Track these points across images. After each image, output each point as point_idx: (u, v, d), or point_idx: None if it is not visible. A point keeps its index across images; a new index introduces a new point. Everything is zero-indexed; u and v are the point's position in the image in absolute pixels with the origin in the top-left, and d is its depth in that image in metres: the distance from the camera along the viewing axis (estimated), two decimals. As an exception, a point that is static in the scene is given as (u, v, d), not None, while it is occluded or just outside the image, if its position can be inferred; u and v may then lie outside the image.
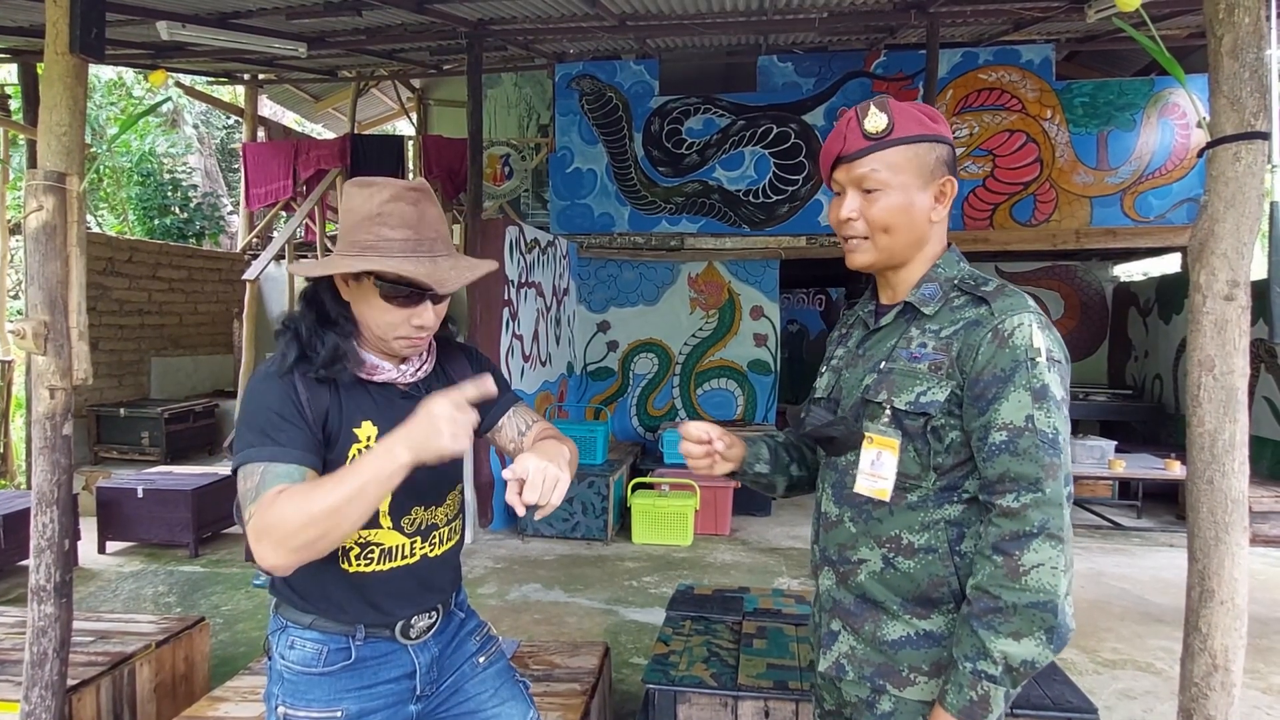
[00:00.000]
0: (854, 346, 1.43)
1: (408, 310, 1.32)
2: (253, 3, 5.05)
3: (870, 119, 1.27)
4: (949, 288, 1.30)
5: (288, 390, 1.30)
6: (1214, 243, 1.70)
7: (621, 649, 3.70)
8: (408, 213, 1.30)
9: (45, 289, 2.15)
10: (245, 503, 1.23)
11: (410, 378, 1.43)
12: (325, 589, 1.39)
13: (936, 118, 1.31)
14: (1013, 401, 1.18)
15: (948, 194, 1.30)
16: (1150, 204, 6.89)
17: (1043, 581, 1.14)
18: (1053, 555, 1.15)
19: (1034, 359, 1.19)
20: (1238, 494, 1.72)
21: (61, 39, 2.21)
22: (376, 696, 1.42)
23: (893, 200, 1.27)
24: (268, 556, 1.17)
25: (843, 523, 1.36)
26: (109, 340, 7.16)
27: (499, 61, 8.08)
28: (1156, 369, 7.62)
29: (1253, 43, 1.66)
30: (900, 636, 1.30)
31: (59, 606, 2.16)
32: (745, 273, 7.66)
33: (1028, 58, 6.95)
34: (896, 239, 1.29)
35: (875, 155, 1.26)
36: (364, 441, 1.36)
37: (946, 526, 1.27)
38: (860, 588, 1.33)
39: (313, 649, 1.39)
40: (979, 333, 1.22)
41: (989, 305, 1.24)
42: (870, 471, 1.31)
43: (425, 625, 1.47)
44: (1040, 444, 1.17)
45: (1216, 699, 1.72)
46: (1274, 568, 5.02)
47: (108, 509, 5.13)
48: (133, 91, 11.42)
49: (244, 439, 1.27)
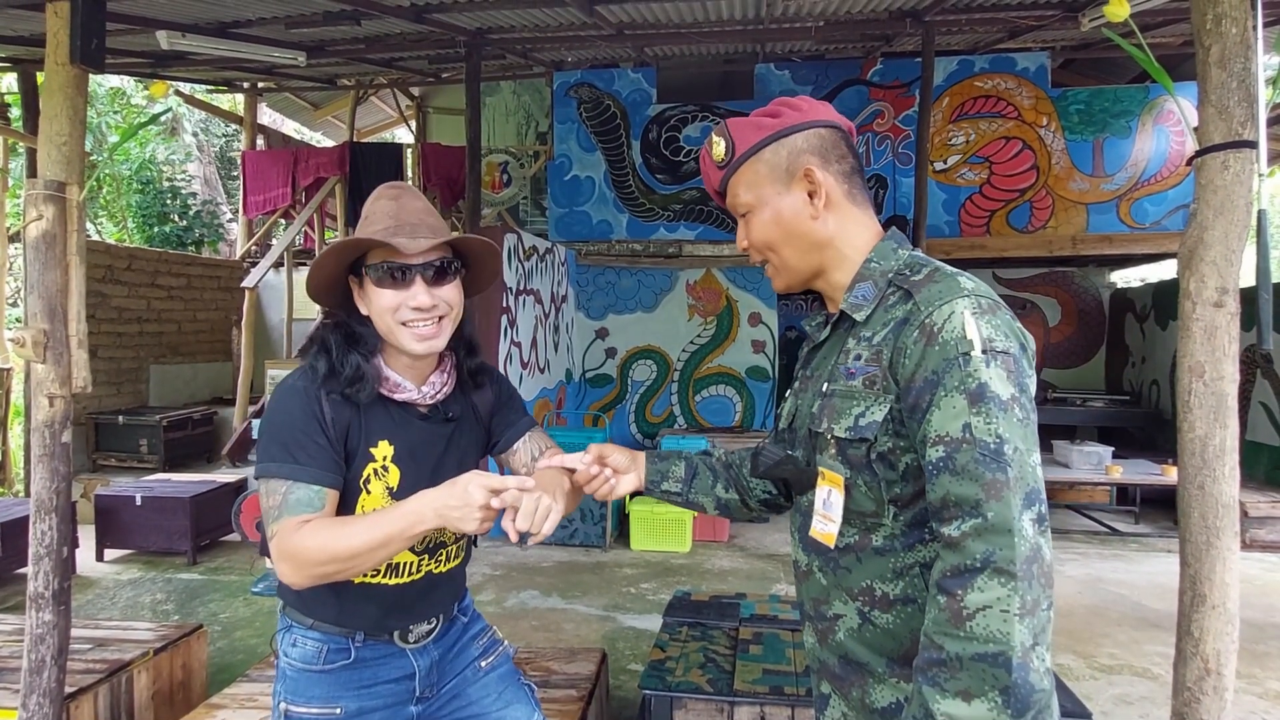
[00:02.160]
0: (804, 367, 1.30)
1: (401, 292, 1.33)
2: (252, 12, 5.08)
3: (714, 148, 1.22)
4: (885, 285, 1.13)
5: (312, 405, 1.33)
6: (1203, 250, 1.72)
7: (619, 655, 3.70)
8: (388, 206, 1.37)
9: (45, 297, 2.16)
10: (268, 519, 1.30)
11: (430, 399, 1.44)
12: (329, 596, 1.41)
13: (784, 110, 1.19)
14: (945, 409, 0.99)
15: (818, 182, 1.15)
16: (1146, 210, 6.92)
17: (990, 628, 0.92)
18: (1003, 595, 0.92)
19: (966, 354, 0.99)
20: (1228, 499, 1.73)
21: (62, 49, 2.23)
22: (375, 696, 1.45)
23: (761, 217, 1.19)
24: (288, 576, 1.26)
25: (813, 573, 1.21)
26: (108, 348, 7.17)
27: (497, 70, 8.12)
28: (1154, 375, 7.64)
29: (1240, 53, 1.68)
30: (890, 703, 1.12)
31: (57, 614, 2.17)
32: (743, 279, 7.68)
33: (1023, 65, 6.99)
34: (785, 253, 1.20)
35: (731, 180, 1.21)
36: (379, 461, 1.38)
37: (921, 572, 1.08)
38: (841, 647, 1.17)
39: (313, 647, 1.43)
40: (908, 331, 1.05)
41: (914, 298, 1.06)
42: (821, 512, 1.16)
43: (424, 631, 1.50)
44: (980, 458, 0.96)
45: (1209, 703, 1.73)
46: (1270, 573, 5.03)
47: (106, 517, 5.13)
48: (133, 100, 11.46)
49: (268, 451, 1.32)
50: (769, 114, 1.19)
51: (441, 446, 1.45)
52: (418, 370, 1.43)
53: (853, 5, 5.52)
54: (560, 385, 7.30)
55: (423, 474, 1.41)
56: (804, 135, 1.17)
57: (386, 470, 1.39)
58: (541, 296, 6.67)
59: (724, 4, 5.40)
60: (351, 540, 1.23)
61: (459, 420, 1.49)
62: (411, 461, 1.41)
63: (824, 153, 1.17)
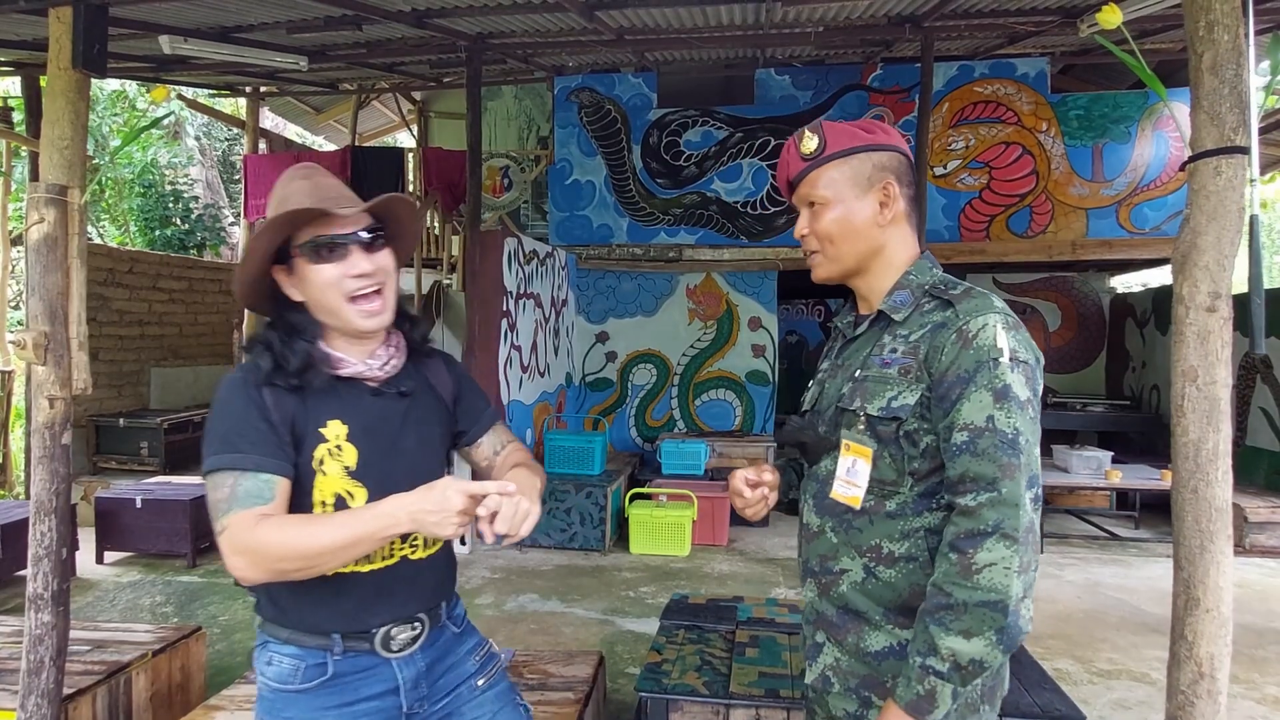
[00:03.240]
0: (834, 357, 1.47)
1: (340, 264, 1.32)
2: (254, 17, 5.10)
3: (805, 142, 1.36)
4: (920, 294, 1.33)
5: (251, 394, 1.31)
6: (1196, 255, 1.73)
7: (617, 659, 3.71)
8: (303, 185, 1.35)
9: (46, 300, 2.17)
10: (216, 514, 1.25)
11: (379, 372, 1.41)
12: (300, 593, 1.35)
13: (873, 129, 1.36)
14: (974, 402, 1.19)
15: (892, 195, 1.33)
16: (1146, 216, 6.93)
17: (994, 580, 1.13)
18: (1006, 555, 1.13)
19: (996, 359, 1.19)
20: (1222, 503, 1.74)
21: (64, 54, 2.25)
22: (359, 715, 1.37)
23: (834, 212, 1.34)
24: (243, 571, 1.22)
25: (824, 533, 1.37)
26: (109, 351, 7.19)
27: (499, 74, 8.14)
28: (1153, 380, 7.64)
29: (1232, 59, 1.69)
30: (884, 647, 1.30)
31: (56, 615, 2.18)
32: (743, 284, 7.69)
33: (1023, 71, 7.01)
34: (843, 248, 1.35)
35: (813, 173, 1.35)
36: (332, 441, 1.34)
37: (926, 535, 1.27)
38: (842, 598, 1.34)
39: (289, 665, 1.36)
40: (944, 334, 1.24)
41: (954, 307, 1.25)
42: (845, 478, 1.33)
43: (408, 637, 1.42)
44: (999, 444, 1.16)
45: (1203, 706, 1.74)
46: (1270, 578, 5.02)
47: (106, 519, 5.14)
48: (136, 104, 11.50)
49: (210, 446, 1.29)
50: (863, 128, 1.36)
51: (398, 422, 1.42)
52: (361, 346, 1.40)
53: (852, 11, 5.53)
54: (560, 389, 7.31)
55: (382, 451, 1.38)
56: (888, 155, 1.35)
57: (341, 450, 1.35)
58: (542, 300, 6.69)
59: (724, 9, 5.42)
60: (319, 539, 1.20)
61: (414, 395, 1.45)
62: (368, 439, 1.37)
63: (899, 174, 1.35)
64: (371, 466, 1.36)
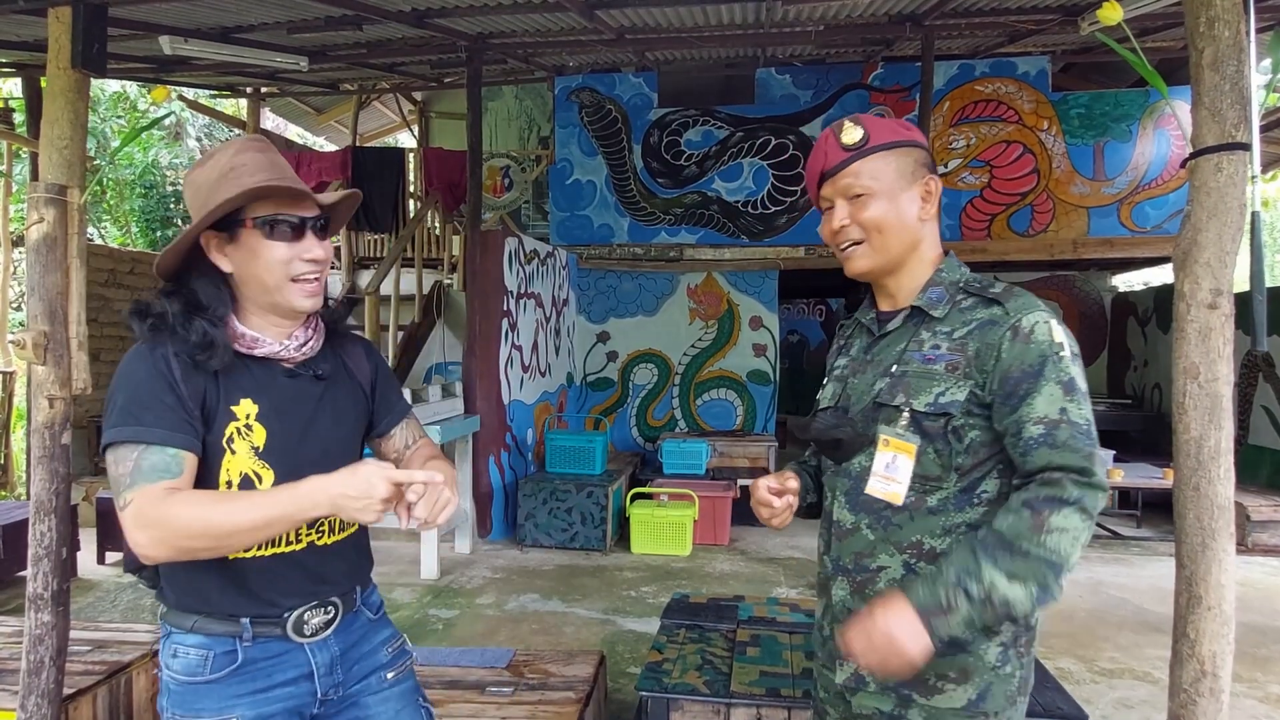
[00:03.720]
0: (858, 354, 1.45)
1: (296, 245, 1.30)
2: (254, 17, 5.10)
3: (847, 133, 1.34)
4: (954, 291, 1.34)
5: (159, 367, 1.25)
6: (1197, 252, 1.72)
7: (619, 659, 3.70)
8: (260, 159, 1.30)
9: (45, 300, 2.17)
10: (119, 488, 1.20)
11: (295, 353, 1.37)
12: (200, 579, 1.31)
13: (911, 129, 1.38)
14: (1045, 395, 1.20)
15: (933, 192, 1.35)
16: (1147, 214, 6.92)
17: (1061, 546, 1.15)
18: (1078, 526, 1.16)
19: (1059, 353, 1.22)
20: (1224, 500, 1.73)
21: (63, 54, 2.25)
22: (273, 700, 1.33)
23: (881, 202, 1.33)
24: (146, 549, 1.17)
25: (859, 530, 1.36)
26: (110, 351, 7.19)
27: (499, 74, 8.14)
28: (1155, 378, 7.63)
29: (1233, 55, 1.69)
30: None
31: (56, 615, 2.17)
32: (744, 283, 7.69)
33: (1024, 70, 7.00)
34: (890, 239, 1.34)
35: (856, 164, 1.33)
36: (242, 420, 1.30)
37: (968, 530, 1.28)
38: (880, 596, 1.30)
39: (196, 656, 1.31)
40: (996, 331, 1.25)
41: (1002, 305, 1.27)
42: (884, 474, 1.31)
43: (321, 621, 1.38)
44: (1076, 434, 1.19)
45: (1205, 705, 1.73)
46: (1272, 577, 5.01)
47: (107, 519, 5.14)
48: (137, 105, 11.51)
49: (111, 419, 1.23)
50: (901, 125, 1.38)
51: (311, 405, 1.38)
52: (280, 327, 1.36)
53: (852, 10, 5.53)
54: (561, 389, 7.31)
55: (293, 432, 1.34)
56: (924, 153, 1.37)
57: (250, 429, 1.30)
58: (542, 300, 6.69)
59: (724, 8, 5.42)
60: (233, 516, 1.17)
61: (331, 379, 1.42)
62: (278, 419, 1.33)
63: (934, 171, 1.38)
64: (280, 448, 1.32)
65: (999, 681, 1.29)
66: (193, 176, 1.33)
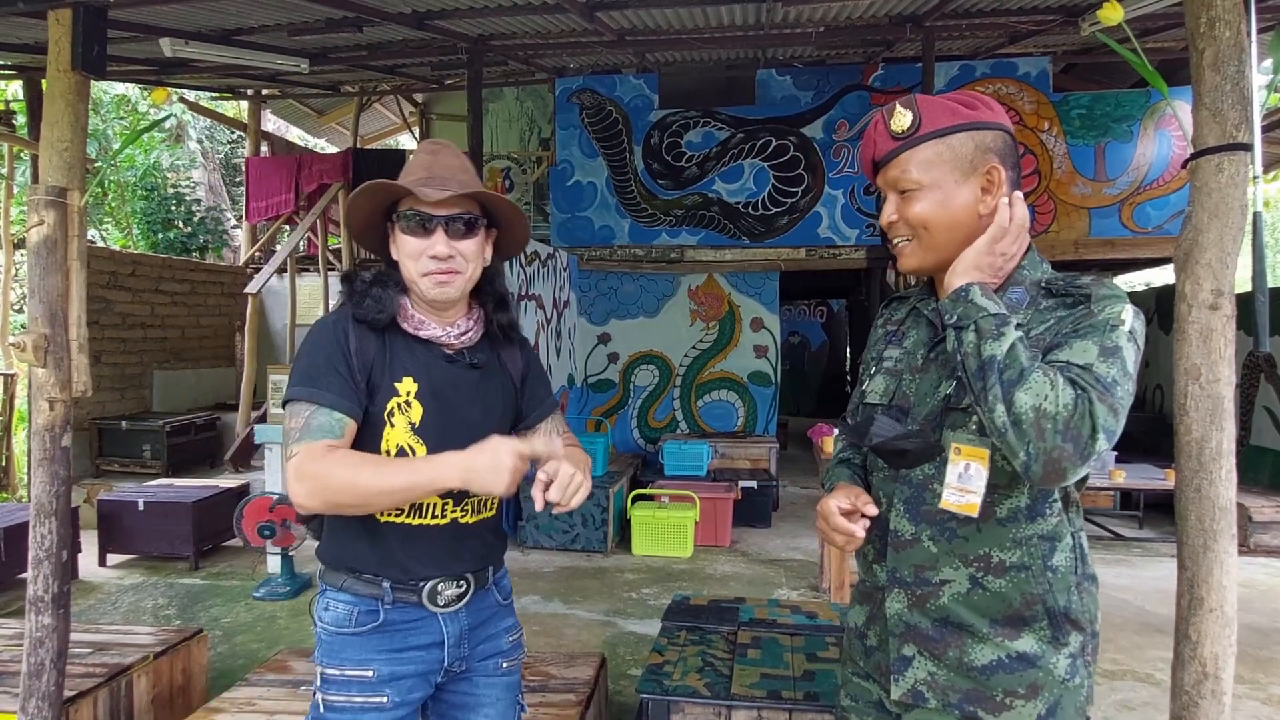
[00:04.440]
0: (915, 348, 1.33)
1: (422, 241, 1.40)
2: (255, 19, 5.11)
3: (896, 119, 1.23)
4: (1036, 291, 1.23)
5: (339, 338, 1.40)
6: (1198, 253, 1.72)
7: (620, 661, 3.70)
8: (425, 159, 1.45)
9: (46, 302, 2.17)
10: (289, 439, 1.35)
11: (455, 340, 1.47)
12: (351, 542, 1.45)
13: (979, 104, 1.24)
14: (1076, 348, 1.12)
15: (996, 182, 1.21)
16: (1148, 215, 6.91)
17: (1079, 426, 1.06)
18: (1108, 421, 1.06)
19: (1115, 326, 1.12)
20: (1225, 502, 1.73)
21: (64, 56, 2.25)
22: (407, 661, 1.45)
23: (929, 198, 1.22)
24: (300, 497, 1.30)
25: (919, 542, 1.27)
26: (111, 353, 7.20)
27: (500, 76, 8.15)
28: (1157, 379, 7.62)
29: (1233, 56, 1.68)
30: (991, 660, 1.21)
31: (56, 617, 2.17)
32: (745, 285, 7.69)
33: (1024, 70, 7.00)
34: (939, 237, 1.23)
35: (904, 155, 1.23)
36: (403, 396, 1.42)
37: (1039, 542, 1.21)
38: (942, 610, 1.25)
39: (344, 610, 1.44)
40: (1073, 313, 1.17)
41: (1088, 302, 1.17)
42: (957, 485, 1.20)
43: (454, 594, 1.48)
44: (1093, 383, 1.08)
45: (1207, 706, 1.73)
46: (1274, 578, 5.00)
47: (108, 522, 5.14)
48: (138, 106, 11.52)
49: (294, 378, 1.39)
50: (963, 103, 1.23)
51: (466, 391, 1.48)
52: (440, 315, 1.47)
53: (853, 11, 5.53)
54: (562, 390, 7.31)
55: (445, 413, 1.45)
56: (993, 134, 1.22)
57: (409, 405, 1.42)
58: (543, 302, 6.69)
59: (724, 10, 5.42)
60: (376, 480, 1.28)
61: (485, 369, 1.51)
62: (434, 399, 1.44)
63: (1004, 156, 1.22)
64: (433, 426, 1.43)
65: (1068, 694, 1.21)
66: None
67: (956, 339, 1.16)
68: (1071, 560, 1.23)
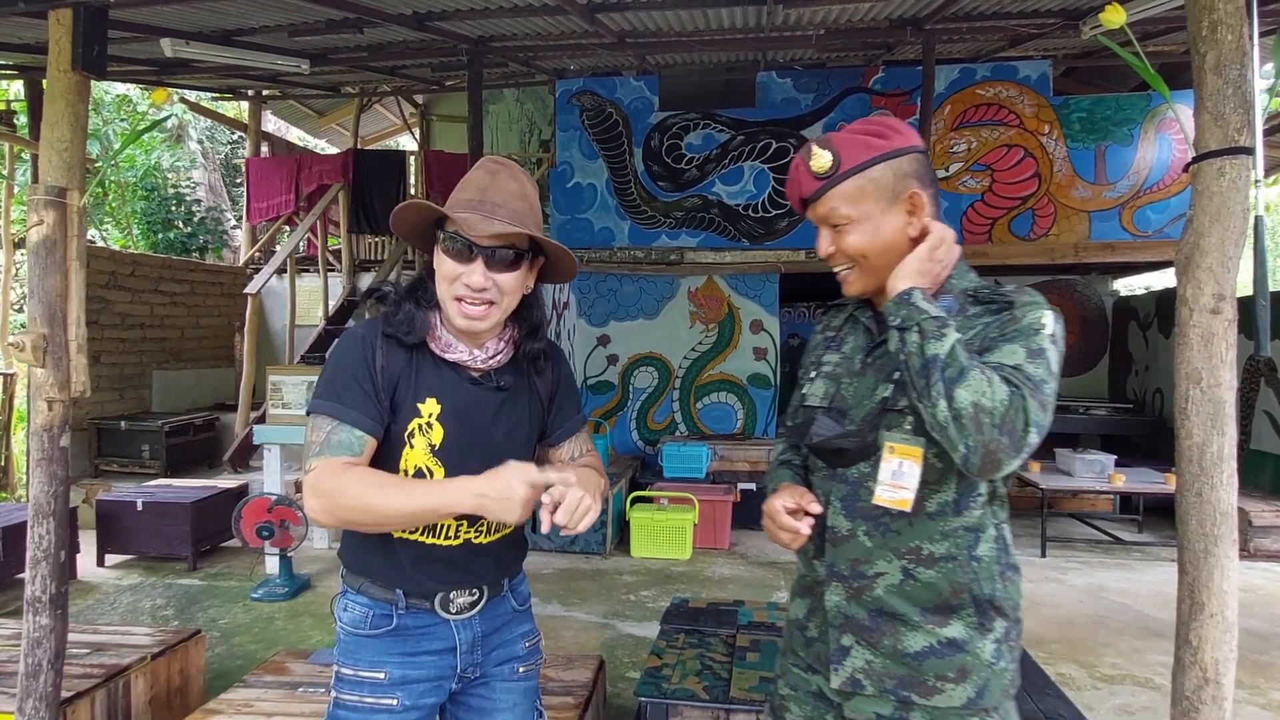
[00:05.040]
0: (853, 353, 1.41)
1: (459, 266, 1.37)
2: (255, 20, 5.10)
3: (815, 160, 1.30)
4: (964, 299, 1.32)
5: (366, 353, 1.39)
6: (1199, 256, 1.72)
7: (618, 663, 3.69)
8: (483, 178, 1.40)
9: (45, 302, 2.17)
10: (309, 452, 1.35)
11: (482, 363, 1.45)
12: (367, 553, 1.47)
13: (889, 132, 1.31)
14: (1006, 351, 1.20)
15: (920, 205, 1.30)
16: (1149, 218, 6.91)
17: (973, 383, 1.14)
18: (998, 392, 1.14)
19: (1038, 330, 1.21)
20: (1226, 506, 1.72)
21: (64, 56, 2.25)
22: (419, 665, 1.46)
23: (860, 229, 1.30)
24: (315, 511, 1.31)
25: (855, 537, 1.35)
26: (111, 353, 7.19)
27: (500, 77, 8.15)
28: (1157, 383, 7.62)
29: (1235, 59, 1.68)
30: (923, 647, 1.30)
31: (54, 618, 2.17)
32: (745, 287, 7.68)
33: (1025, 73, 7.00)
34: (876, 262, 1.32)
35: (830, 193, 1.30)
36: (425, 417, 1.41)
37: (965, 533, 1.30)
38: (877, 601, 1.33)
39: (360, 612, 1.46)
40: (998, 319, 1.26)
41: (1011, 308, 1.27)
42: (891, 482, 1.29)
43: (466, 602, 1.49)
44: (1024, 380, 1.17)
45: (1208, 712, 1.72)
46: (1274, 582, 5.00)
47: (107, 522, 5.14)
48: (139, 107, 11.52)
49: (319, 390, 1.39)
50: (876, 134, 1.30)
51: (490, 413, 1.46)
52: (471, 336, 1.44)
53: (853, 14, 5.52)
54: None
55: (467, 437, 1.43)
56: (908, 159, 1.30)
57: (430, 427, 1.41)
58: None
59: (725, 13, 5.42)
60: (389, 501, 1.28)
61: (512, 391, 1.49)
62: (457, 422, 1.42)
63: (921, 177, 1.31)
64: (454, 450, 1.42)
65: (995, 677, 1.30)
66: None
67: (900, 340, 1.23)
68: (995, 550, 1.32)
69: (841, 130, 1.34)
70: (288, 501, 4.55)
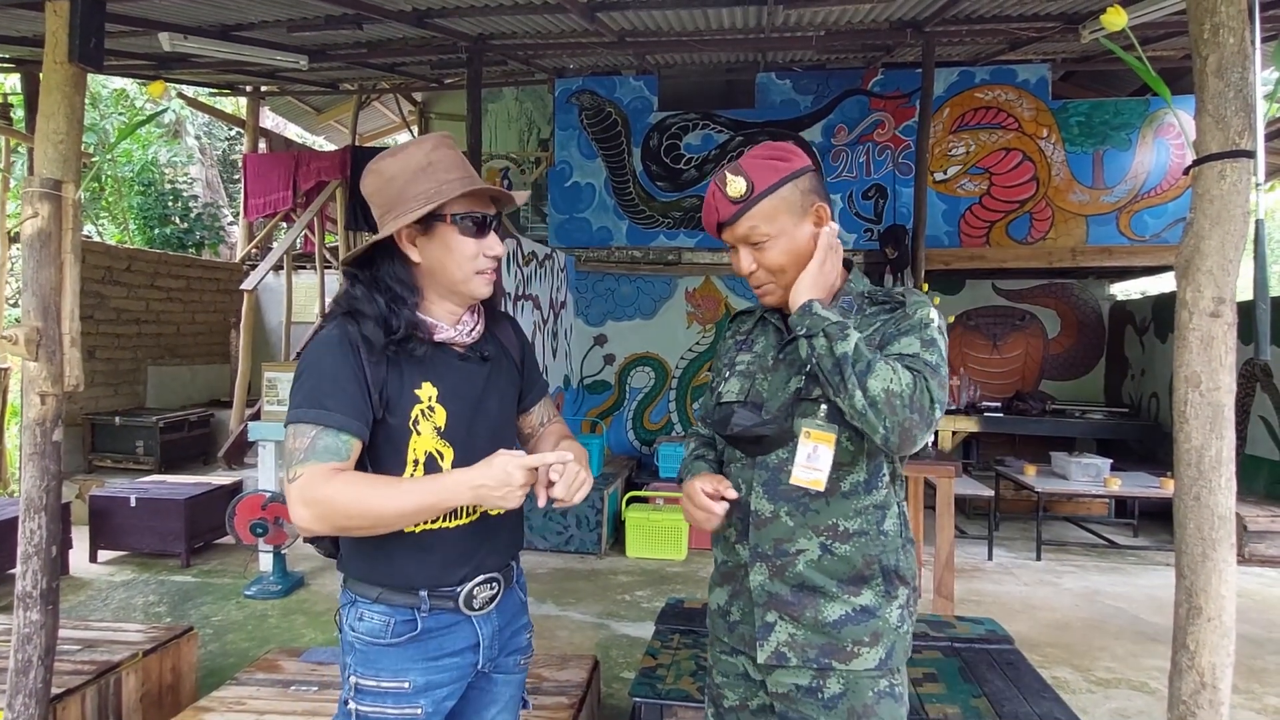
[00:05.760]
0: (765, 351, 1.54)
1: (482, 241, 1.42)
2: (254, 15, 5.09)
3: (731, 186, 1.43)
4: (860, 300, 1.49)
5: (346, 354, 1.36)
6: (1200, 260, 1.71)
7: (612, 663, 3.68)
8: (453, 157, 1.43)
9: (39, 295, 2.15)
10: (291, 461, 1.31)
11: (466, 337, 1.48)
12: (391, 554, 1.42)
13: (789, 155, 1.46)
14: (904, 344, 1.37)
15: (825, 216, 1.45)
16: (1146, 223, 6.92)
17: (878, 371, 1.30)
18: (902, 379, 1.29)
19: (927, 324, 1.39)
20: (1225, 510, 1.71)
21: (60, 48, 2.23)
22: (443, 670, 1.45)
23: (779, 244, 1.44)
24: (306, 522, 1.28)
25: (778, 518, 1.46)
26: (106, 349, 7.16)
27: (500, 76, 8.13)
28: (1153, 387, 7.63)
29: (1237, 62, 1.67)
30: (841, 615, 1.42)
31: (44, 614, 2.15)
32: (742, 287, 7.67)
33: (1024, 77, 7.01)
34: (792, 274, 1.45)
35: (748, 214, 1.43)
36: (425, 401, 1.41)
37: (874, 510, 1.45)
38: (799, 577, 1.44)
39: (380, 621, 1.43)
40: (894, 316, 1.43)
41: (904, 305, 1.44)
42: (806, 464, 1.41)
43: (487, 596, 1.49)
44: (924, 364, 1.33)
45: (1204, 716, 1.71)
46: (1270, 588, 5.00)
47: (100, 518, 5.11)
48: (137, 101, 11.48)
49: (299, 398, 1.34)
50: (778, 158, 1.45)
51: (480, 385, 1.49)
52: (453, 314, 1.48)
53: (853, 15, 5.53)
54: (558, 391, 7.29)
55: (469, 413, 1.45)
56: (806, 177, 1.45)
57: (433, 410, 1.42)
58: (540, 302, 6.67)
59: (725, 13, 5.41)
60: (387, 502, 1.27)
61: (494, 360, 1.53)
62: (456, 400, 1.44)
63: (820, 191, 1.47)
64: (458, 427, 1.44)
65: (900, 640, 1.45)
66: (382, 166, 1.41)
67: (809, 345, 1.37)
68: (898, 525, 1.48)
69: (746, 157, 1.47)
70: (282, 499, 4.53)
